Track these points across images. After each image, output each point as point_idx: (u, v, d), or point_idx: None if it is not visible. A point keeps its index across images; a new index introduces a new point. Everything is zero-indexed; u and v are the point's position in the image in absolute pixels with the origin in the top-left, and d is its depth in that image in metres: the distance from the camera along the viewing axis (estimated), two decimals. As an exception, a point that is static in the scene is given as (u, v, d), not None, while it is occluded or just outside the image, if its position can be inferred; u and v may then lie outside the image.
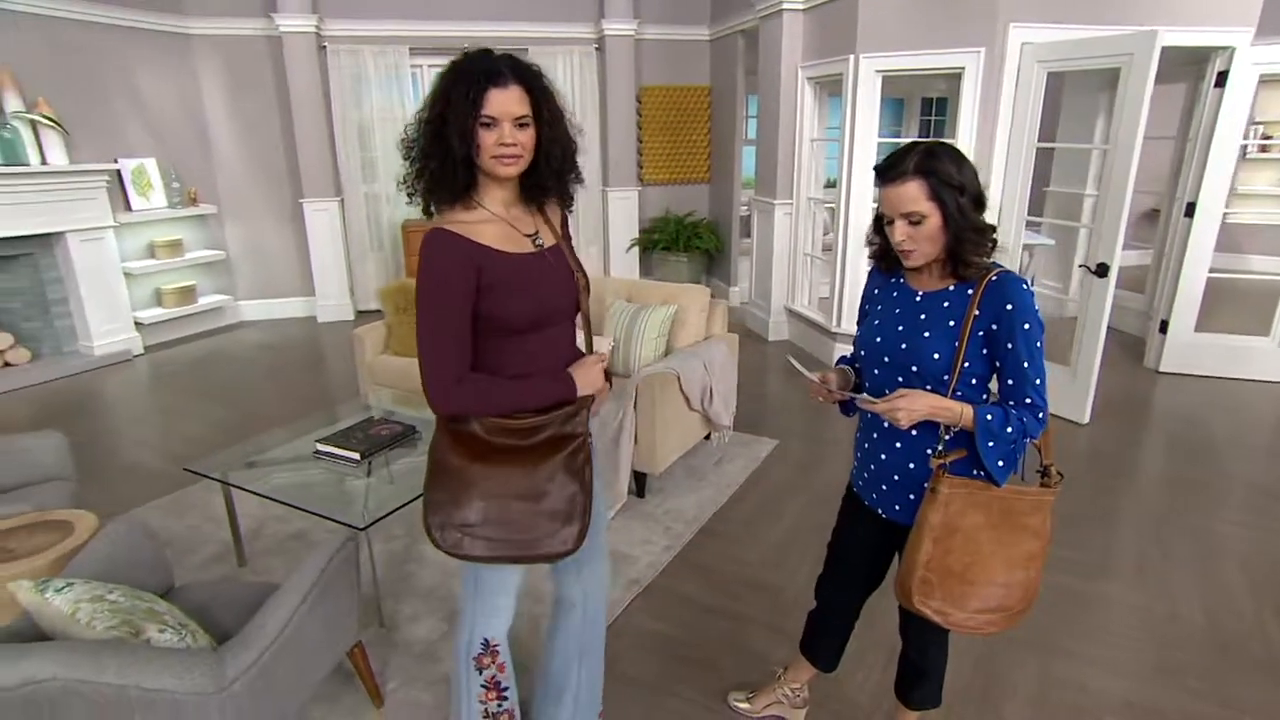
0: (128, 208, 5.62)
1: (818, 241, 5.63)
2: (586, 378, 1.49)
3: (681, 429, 3.36)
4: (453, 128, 1.31)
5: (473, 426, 1.44)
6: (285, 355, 5.72)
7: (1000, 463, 1.41)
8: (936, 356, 1.41)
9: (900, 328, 1.48)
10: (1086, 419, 4.01)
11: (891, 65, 4.42)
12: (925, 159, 1.34)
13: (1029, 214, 4.51)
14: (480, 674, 1.63)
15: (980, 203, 1.38)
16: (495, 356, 1.45)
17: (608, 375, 1.59)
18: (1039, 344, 1.38)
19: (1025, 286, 1.38)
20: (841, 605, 1.84)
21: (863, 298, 1.66)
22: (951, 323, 1.41)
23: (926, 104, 7.93)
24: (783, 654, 2.23)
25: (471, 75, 1.31)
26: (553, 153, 1.41)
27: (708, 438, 3.76)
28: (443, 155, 1.34)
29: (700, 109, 7.14)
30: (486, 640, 1.62)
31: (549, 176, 1.44)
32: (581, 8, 6.62)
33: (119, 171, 5.53)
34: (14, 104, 4.85)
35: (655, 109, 7.04)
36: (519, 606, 2.48)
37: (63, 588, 1.52)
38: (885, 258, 1.52)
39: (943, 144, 1.38)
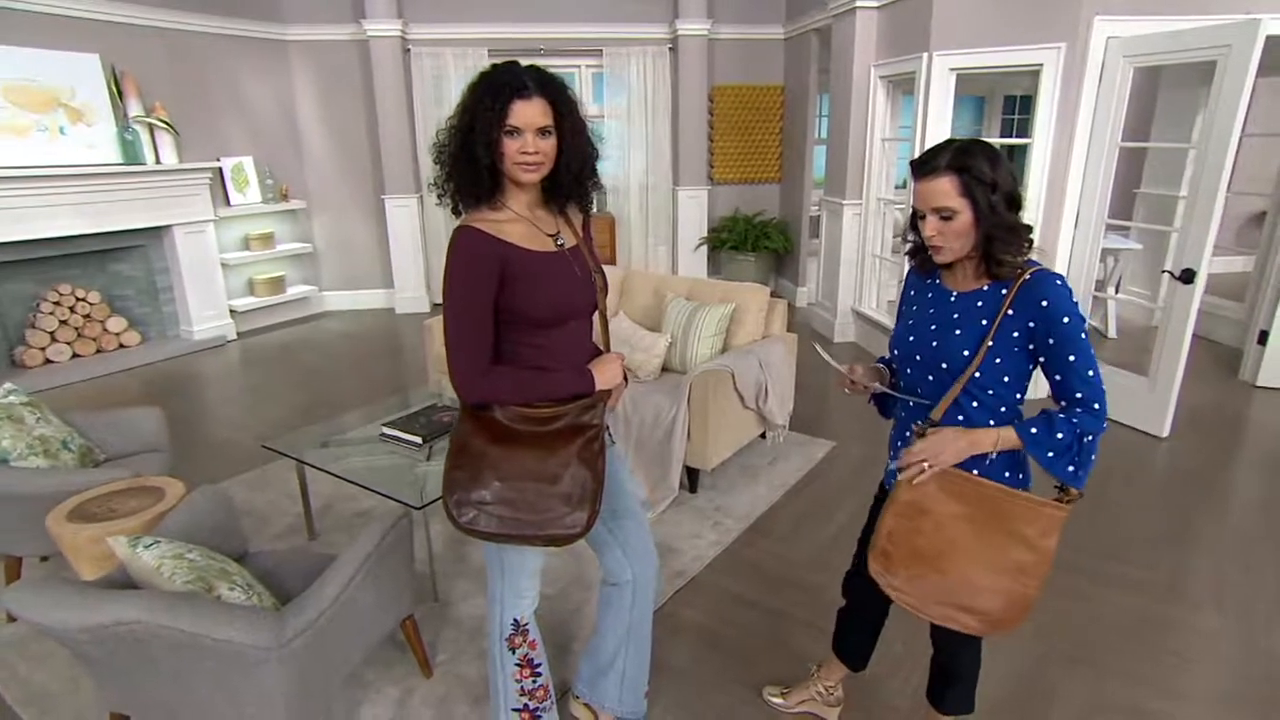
0: (226, 203, 6.05)
1: (887, 243, 5.52)
2: (606, 374, 1.56)
3: (735, 427, 3.38)
4: (479, 135, 1.40)
5: (495, 413, 1.52)
6: (364, 344, 6.03)
7: (1071, 468, 1.38)
8: (966, 354, 1.41)
9: (933, 327, 1.49)
10: (1166, 432, 3.81)
11: (966, 63, 4.29)
12: (959, 155, 1.35)
13: (1116, 218, 4.30)
14: (513, 653, 1.72)
15: (1014, 202, 1.37)
16: (516, 349, 1.53)
17: (625, 373, 1.66)
18: (1083, 335, 1.36)
19: (1059, 283, 1.36)
20: (867, 603, 1.85)
21: (900, 299, 1.66)
22: (984, 321, 1.41)
23: (1009, 102, 7.62)
24: (821, 652, 2.22)
25: (498, 86, 1.40)
26: (573, 160, 1.49)
27: (763, 436, 3.76)
28: (470, 160, 1.43)
29: (773, 108, 7.09)
30: (516, 620, 1.70)
31: (569, 182, 1.52)
32: (656, 8, 6.68)
33: (220, 169, 5.96)
34: (136, 109, 5.30)
35: (727, 108, 7.04)
36: (568, 592, 2.60)
37: (151, 544, 1.70)
38: (922, 254, 1.52)
39: (979, 142, 1.38)
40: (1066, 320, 1.34)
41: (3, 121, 4.70)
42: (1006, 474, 1.45)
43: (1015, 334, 1.38)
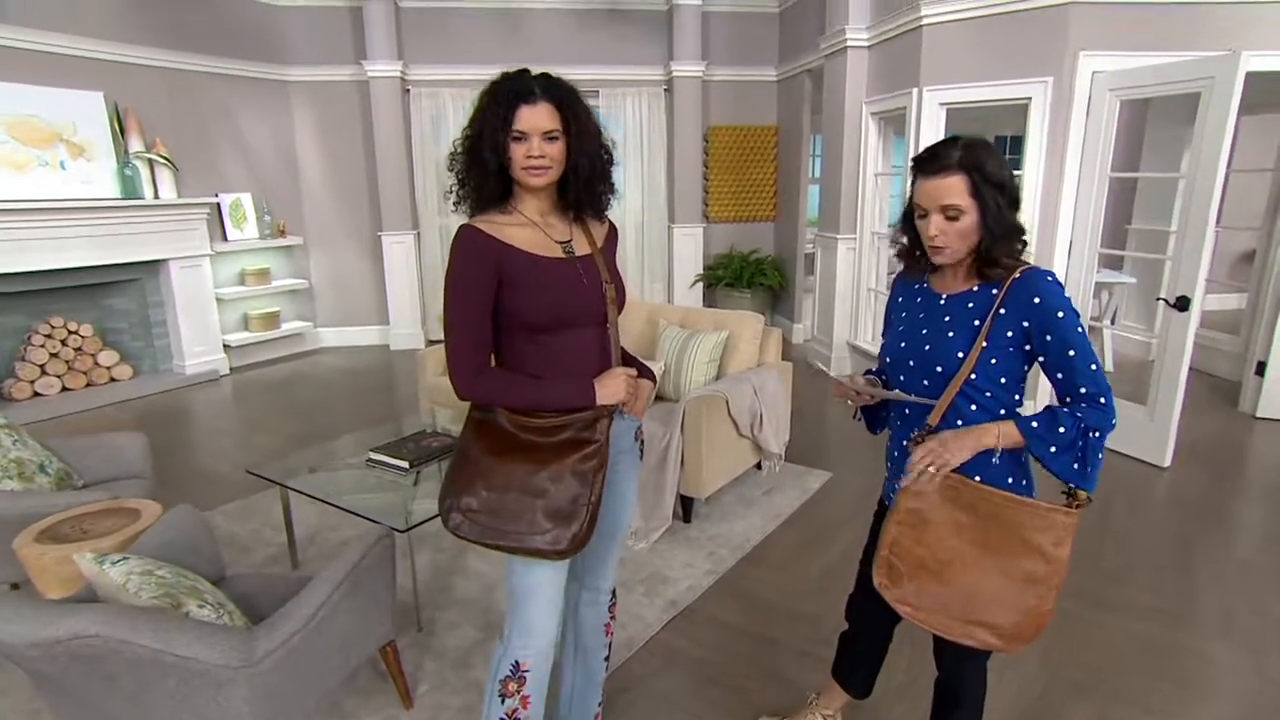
0: (224, 238, 6.08)
1: (881, 277, 5.54)
2: (608, 388, 1.50)
3: (730, 455, 3.33)
4: (487, 141, 1.42)
5: (499, 419, 1.50)
6: (358, 380, 5.98)
7: (1075, 466, 1.32)
8: (960, 355, 1.38)
9: (924, 331, 1.45)
10: (1167, 462, 3.75)
11: (955, 97, 4.36)
12: (969, 153, 1.32)
13: (1108, 251, 4.32)
14: (502, 703, 1.56)
15: (1016, 203, 1.36)
16: (517, 356, 1.51)
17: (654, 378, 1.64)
18: (1080, 329, 1.32)
19: (1050, 279, 1.34)
20: (871, 626, 1.77)
21: (887, 308, 1.63)
22: (976, 322, 1.37)
23: (1000, 142, 7.73)
24: (819, 682, 2.14)
25: (504, 93, 1.43)
26: (581, 164, 1.48)
27: (759, 466, 3.70)
28: (479, 167, 1.45)
29: (767, 148, 7.20)
30: (517, 663, 1.56)
31: (578, 187, 1.51)
32: (651, 51, 6.83)
33: (218, 204, 6.00)
34: (136, 144, 5.36)
35: (722, 148, 7.14)
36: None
37: (119, 561, 1.63)
38: (910, 256, 1.50)
39: (983, 140, 1.36)
40: (1061, 315, 1.31)
41: (3, 156, 4.74)
42: (1009, 480, 1.40)
43: (1010, 333, 1.35)
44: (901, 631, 1.82)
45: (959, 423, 1.41)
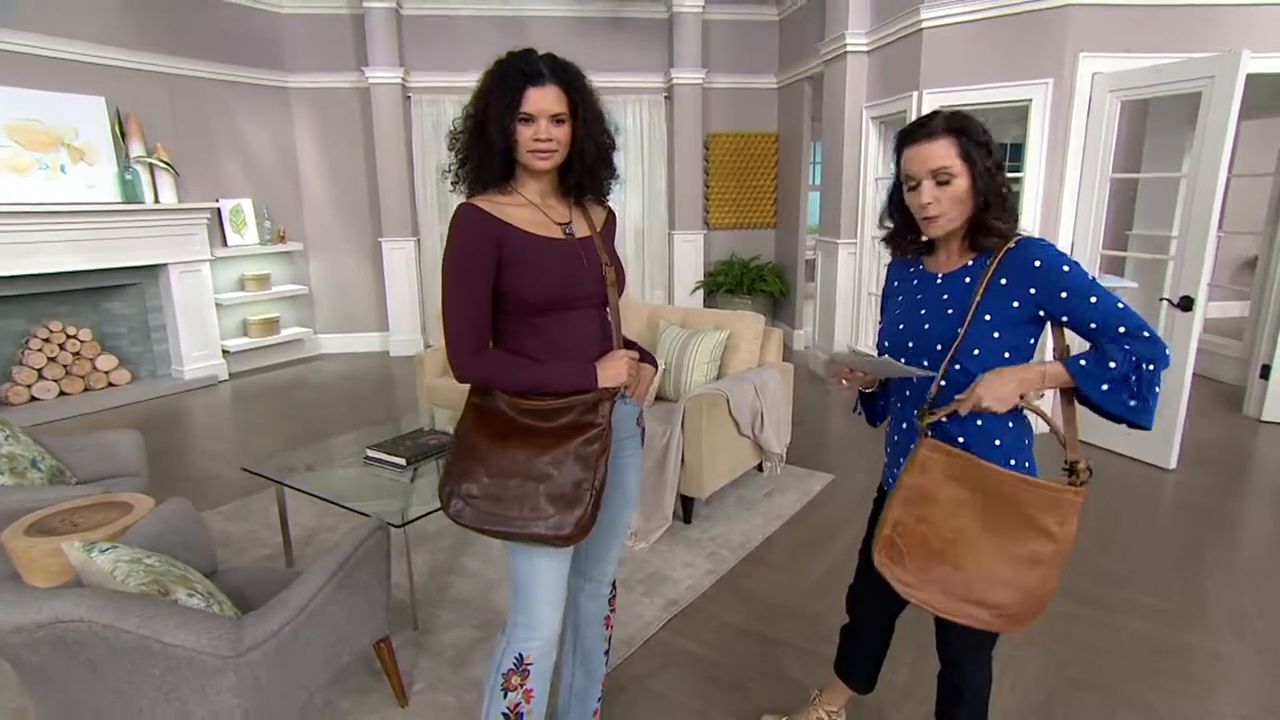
0: (224, 243, 6.07)
1: (882, 281, 5.51)
2: (609, 370, 1.48)
3: (731, 455, 3.29)
4: (493, 122, 1.39)
5: (500, 404, 1.46)
6: (358, 385, 5.95)
7: (1133, 402, 1.28)
8: (960, 331, 1.35)
9: (923, 311, 1.43)
10: (1172, 465, 3.71)
11: (955, 100, 4.35)
12: (954, 118, 1.32)
13: (1111, 253, 4.30)
14: (505, 696, 1.53)
15: (1002, 169, 1.35)
16: (517, 340, 1.49)
17: (655, 363, 1.62)
18: (1092, 277, 1.30)
19: (1045, 243, 1.33)
20: (872, 617, 1.74)
21: (883, 294, 1.61)
22: (977, 296, 1.35)
23: (1000, 149, 7.76)
24: (822, 680, 2.10)
25: (512, 73, 1.39)
26: (586, 148, 1.46)
27: (760, 468, 3.67)
28: (483, 148, 1.42)
29: (767, 155, 7.21)
30: (521, 656, 1.53)
31: (581, 171, 1.49)
32: (652, 58, 6.86)
33: (219, 210, 6.00)
34: (138, 149, 5.37)
35: (722, 155, 7.15)
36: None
37: (107, 549, 1.59)
38: (902, 238, 1.48)
39: (964, 111, 1.36)
40: (1067, 269, 1.29)
41: (4, 159, 4.74)
42: (1011, 462, 1.37)
43: (1016, 304, 1.32)
44: (904, 629, 1.79)
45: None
